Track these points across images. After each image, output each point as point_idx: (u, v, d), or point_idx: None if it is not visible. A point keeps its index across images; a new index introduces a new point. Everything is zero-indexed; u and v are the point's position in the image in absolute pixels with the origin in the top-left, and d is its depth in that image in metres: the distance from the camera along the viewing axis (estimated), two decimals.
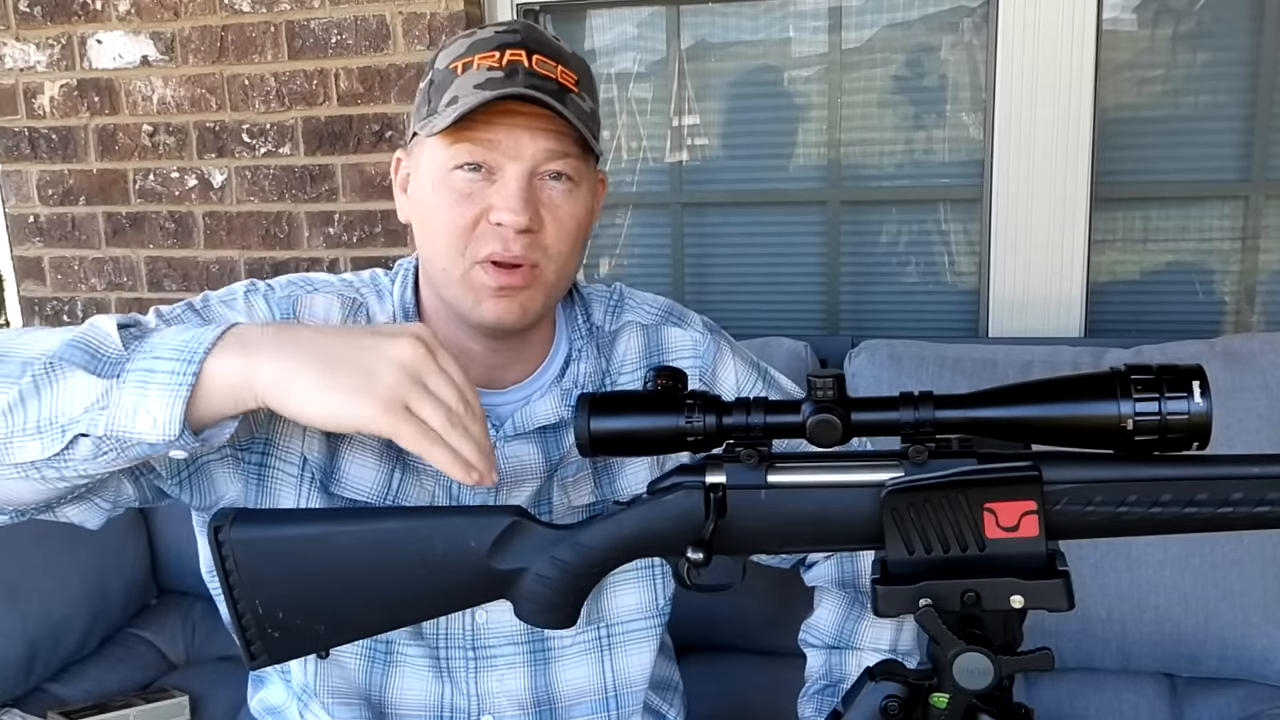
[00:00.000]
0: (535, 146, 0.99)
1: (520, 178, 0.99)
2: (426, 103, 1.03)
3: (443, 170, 1.00)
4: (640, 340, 1.16)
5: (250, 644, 0.92)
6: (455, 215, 1.00)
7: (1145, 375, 0.74)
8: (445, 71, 1.02)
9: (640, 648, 1.17)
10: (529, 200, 0.99)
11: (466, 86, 0.98)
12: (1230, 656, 1.58)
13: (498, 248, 0.99)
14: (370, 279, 1.14)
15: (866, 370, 1.74)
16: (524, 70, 0.99)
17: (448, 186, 1.00)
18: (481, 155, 0.99)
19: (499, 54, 0.99)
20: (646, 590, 1.17)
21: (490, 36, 1.01)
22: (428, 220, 1.03)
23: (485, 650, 1.11)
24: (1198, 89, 1.99)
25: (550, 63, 1.00)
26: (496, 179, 1.00)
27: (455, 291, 1.03)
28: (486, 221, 1.00)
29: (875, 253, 2.18)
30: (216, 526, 0.91)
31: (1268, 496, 0.75)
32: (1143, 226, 2.06)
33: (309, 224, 2.26)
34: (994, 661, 0.76)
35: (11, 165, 2.42)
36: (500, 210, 0.99)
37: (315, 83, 2.18)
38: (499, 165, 1.00)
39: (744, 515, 0.83)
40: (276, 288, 1.08)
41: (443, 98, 1.00)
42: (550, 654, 1.13)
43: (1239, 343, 1.66)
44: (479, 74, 0.99)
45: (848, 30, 2.11)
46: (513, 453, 1.09)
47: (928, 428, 0.78)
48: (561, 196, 1.02)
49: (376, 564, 0.90)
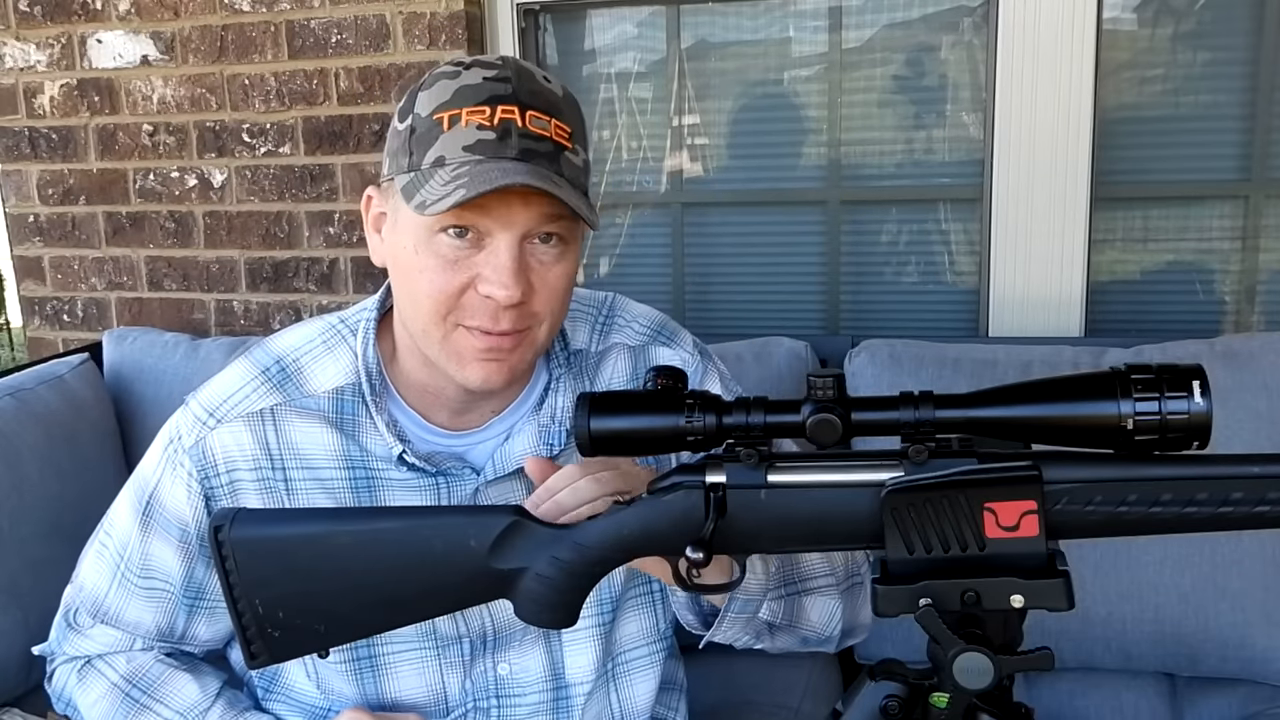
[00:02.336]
0: (529, 214, 0.93)
1: (511, 247, 0.93)
2: (407, 153, 0.95)
3: (426, 232, 0.94)
4: (627, 363, 1.13)
5: (250, 644, 0.92)
6: (440, 283, 0.94)
7: (1145, 375, 0.74)
8: (429, 121, 0.93)
9: (644, 675, 1.17)
10: (520, 272, 0.93)
11: (455, 147, 0.91)
12: (1230, 656, 1.58)
13: (485, 322, 0.95)
14: (323, 332, 1.09)
15: (866, 370, 1.74)
16: (517, 131, 0.91)
17: (432, 251, 0.94)
18: (470, 221, 0.92)
19: (489, 110, 0.91)
20: (648, 616, 1.16)
21: (478, 85, 0.93)
22: (408, 281, 0.97)
23: (509, 701, 1.11)
24: (1198, 89, 1.99)
25: (544, 118, 0.93)
26: (485, 245, 0.94)
27: (436, 352, 0.99)
28: (474, 291, 0.94)
29: (875, 252, 2.18)
30: (217, 526, 0.91)
31: (1268, 496, 0.75)
32: (1143, 226, 2.06)
33: (309, 224, 2.26)
34: (994, 661, 0.76)
35: (11, 165, 2.42)
36: (490, 284, 0.93)
37: (315, 82, 2.18)
38: (488, 231, 0.93)
39: (744, 515, 0.83)
40: (183, 442, 1.06)
41: (427, 154, 0.93)
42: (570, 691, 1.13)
43: (1239, 343, 1.66)
44: (468, 133, 0.91)
45: (848, 30, 2.11)
46: (496, 494, 1.06)
47: (928, 427, 0.78)
48: (553, 259, 0.96)
49: (376, 564, 0.90)
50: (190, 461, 1.06)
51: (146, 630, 1.11)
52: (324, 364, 1.08)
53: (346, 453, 1.06)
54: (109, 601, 1.11)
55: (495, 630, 1.09)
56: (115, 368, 2.11)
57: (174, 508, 1.08)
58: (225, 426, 1.06)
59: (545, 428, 1.07)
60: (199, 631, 1.13)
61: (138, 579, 1.10)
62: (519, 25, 2.17)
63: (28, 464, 1.80)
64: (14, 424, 1.82)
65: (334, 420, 1.06)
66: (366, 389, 1.05)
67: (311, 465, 1.06)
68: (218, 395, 1.08)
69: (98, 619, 1.12)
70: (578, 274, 1.06)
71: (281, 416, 1.06)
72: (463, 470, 1.06)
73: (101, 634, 1.12)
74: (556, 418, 1.08)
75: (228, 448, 1.06)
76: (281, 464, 1.06)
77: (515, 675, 1.10)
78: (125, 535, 1.11)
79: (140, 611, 1.11)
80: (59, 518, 1.82)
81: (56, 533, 1.80)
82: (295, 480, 1.06)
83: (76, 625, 1.13)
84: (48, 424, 1.87)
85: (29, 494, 1.79)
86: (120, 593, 1.11)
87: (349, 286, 2.27)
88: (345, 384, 1.06)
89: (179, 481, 1.07)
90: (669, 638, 1.19)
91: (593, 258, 2.31)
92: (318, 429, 1.05)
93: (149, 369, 2.07)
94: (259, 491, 1.06)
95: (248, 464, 1.06)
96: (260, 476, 1.06)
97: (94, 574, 1.13)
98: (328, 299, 2.28)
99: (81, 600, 1.13)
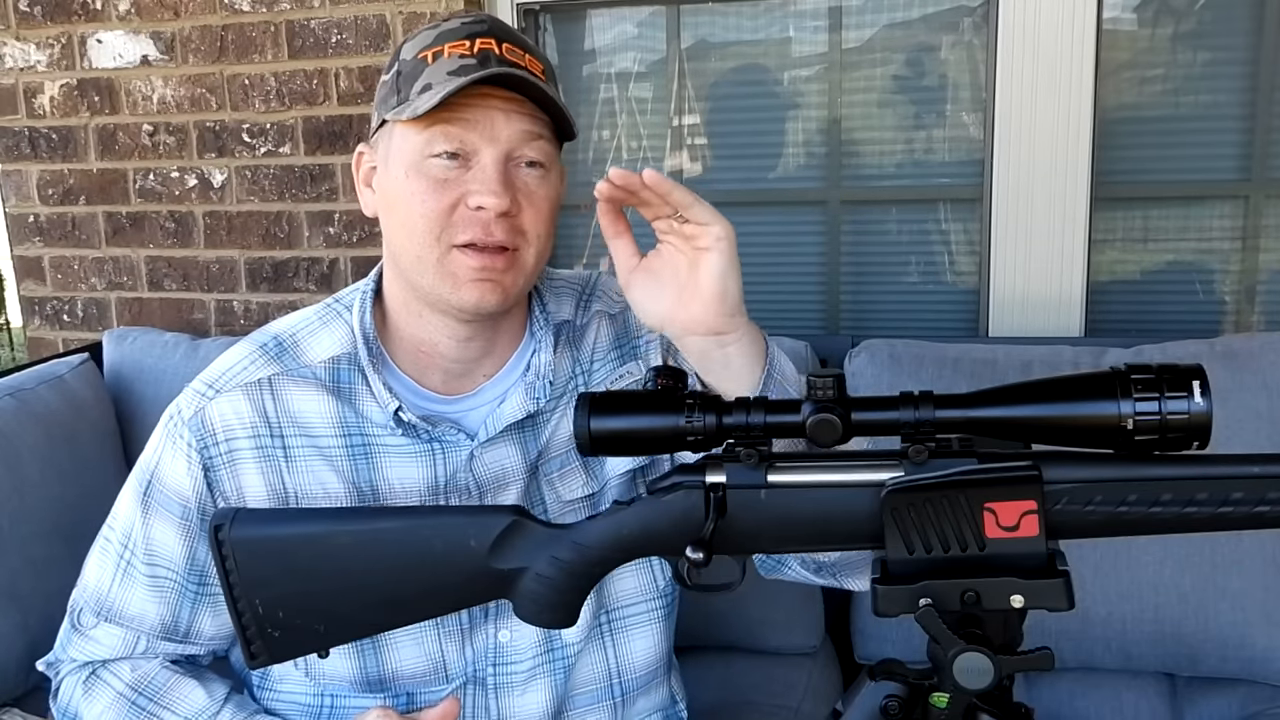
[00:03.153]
0: (511, 129, 1.00)
1: (497, 162, 0.99)
2: (395, 93, 1.02)
3: (417, 157, 1.00)
4: (609, 329, 1.16)
5: (250, 643, 0.93)
6: (432, 201, 1.00)
7: (1145, 375, 0.74)
8: (414, 61, 1.01)
9: (643, 632, 1.17)
10: (507, 184, 1.00)
11: (440, 74, 0.98)
12: (1230, 656, 1.58)
13: (478, 233, 0.99)
14: (318, 311, 1.14)
15: (866, 370, 1.74)
16: (495, 57, 0.99)
17: (422, 174, 1.00)
18: (458, 138, 0.99)
19: (469, 43, 0.99)
20: (644, 573, 1.16)
21: (458, 27, 1.01)
22: (399, 208, 1.02)
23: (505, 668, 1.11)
24: (1198, 89, 1.99)
25: (519, 51, 1.01)
26: (473, 165, 1.00)
27: (431, 279, 1.02)
28: (465, 207, 0.99)
29: (875, 252, 2.18)
30: (217, 526, 0.91)
31: (1268, 496, 0.75)
32: (1143, 226, 2.06)
33: (309, 224, 2.26)
34: (994, 661, 0.76)
35: (11, 165, 2.42)
36: (480, 194, 0.99)
37: (315, 82, 2.18)
38: (475, 150, 1.00)
39: (744, 515, 0.83)
40: (183, 414, 1.08)
41: (414, 86, 1.00)
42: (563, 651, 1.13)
43: (1239, 343, 1.66)
44: (451, 61, 0.98)
45: (848, 30, 2.11)
46: (491, 459, 1.08)
47: (928, 427, 0.78)
48: (536, 182, 1.02)
49: (376, 564, 0.90)
50: (189, 432, 1.07)
51: (151, 625, 1.11)
52: (320, 337, 1.11)
53: (343, 419, 1.07)
54: (112, 596, 1.11)
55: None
56: (115, 368, 2.11)
57: (174, 483, 1.08)
58: (224, 396, 1.08)
59: (531, 384, 1.10)
60: (204, 626, 1.12)
61: (141, 567, 1.10)
62: (519, 25, 2.17)
63: (28, 464, 1.80)
64: (14, 424, 1.82)
65: (331, 388, 1.08)
66: (364, 351, 1.08)
67: (310, 433, 1.07)
68: (217, 370, 1.11)
69: (101, 616, 1.12)
70: (555, 235, 1.09)
71: (279, 385, 1.08)
72: (457, 436, 1.07)
73: (105, 634, 1.12)
74: (540, 373, 1.10)
75: (226, 416, 1.07)
76: (280, 431, 1.07)
77: (514, 641, 1.11)
78: (128, 523, 1.11)
79: (144, 603, 1.11)
80: (59, 518, 1.82)
81: (56, 533, 1.80)
82: (294, 448, 1.07)
83: (80, 626, 1.13)
84: (48, 424, 1.87)
85: (29, 494, 1.79)
86: (124, 585, 1.11)
87: (348, 286, 2.27)
88: (341, 353, 1.09)
89: (179, 454, 1.08)
90: (668, 595, 1.18)
91: (593, 257, 2.31)
92: (315, 396, 1.08)
93: (149, 369, 2.07)
94: (257, 460, 1.07)
95: (246, 432, 1.07)
96: (259, 445, 1.07)
97: (96, 570, 1.13)
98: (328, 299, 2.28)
99: (85, 600, 1.13)
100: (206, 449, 1.07)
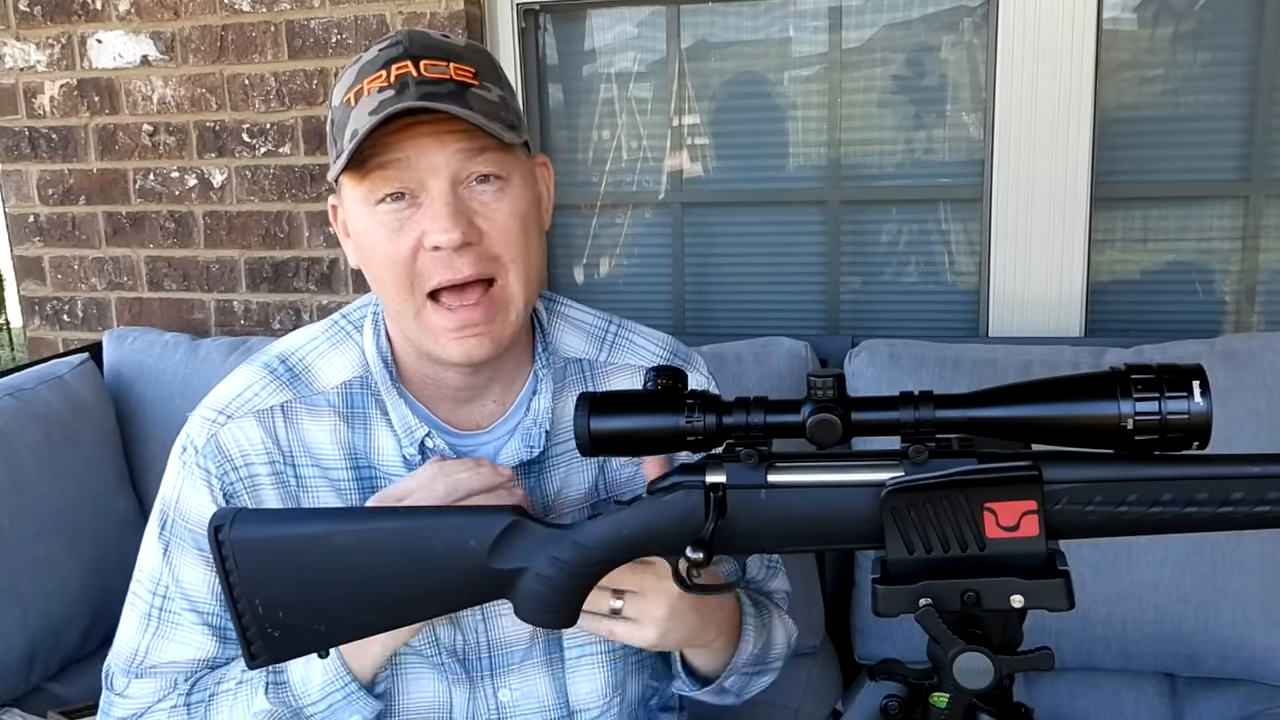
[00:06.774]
0: (447, 152, 0.94)
1: (444, 193, 0.94)
2: (333, 142, 0.99)
3: (366, 208, 0.97)
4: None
5: (250, 644, 0.92)
6: (391, 251, 0.96)
7: (1145, 375, 0.74)
8: (341, 107, 0.97)
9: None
10: (458, 213, 0.94)
11: (362, 116, 0.93)
12: (1230, 656, 1.58)
13: (445, 274, 0.96)
14: (326, 330, 1.10)
15: (866, 370, 1.74)
16: (414, 81, 0.93)
17: (377, 224, 0.96)
18: (396, 179, 0.95)
19: (385, 72, 0.94)
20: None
21: (375, 56, 0.97)
22: (369, 261, 1.00)
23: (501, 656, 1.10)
24: (1198, 89, 1.99)
25: (441, 64, 0.95)
26: (422, 200, 0.95)
27: (416, 333, 1.00)
28: (424, 249, 0.95)
29: (875, 252, 2.18)
30: (217, 526, 0.91)
31: (1268, 496, 0.75)
32: (1143, 226, 2.06)
33: (309, 224, 2.26)
34: (994, 661, 0.76)
35: (11, 165, 2.42)
36: (432, 232, 0.94)
37: (315, 82, 2.18)
38: (420, 185, 0.95)
39: (744, 515, 0.83)
40: (196, 443, 1.06)
41: (345, 134, 0.95)
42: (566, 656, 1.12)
43: (1239, 343, 1.66)
44: (371, 100, 0.94)
45: (848, 30, 2.11)
46: None
47: (928, 427, 0.78)
48: (493, 198, 0.97)
49: (377, 564, 0.90)
50: (207, 460, 1.05)
51: (183, 668, 1.09)
52: (330, 360, 1.08)
53: (352, 447, 1.06)
54: (143, 651, 1.09)
55: (491, 649, 1.08)
56: (115, 368, 2.11)
57: (196, 516, 1.06)
58: (236, 423, 1.05)
59: (526, 430, 1.07)
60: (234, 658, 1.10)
61: (171, 611, 1.08)
62: (519, 25, 2.17)
63: (28, 464, 1.80)
64: (14, 424, 1.82)
65: (344, 414, 1.06)
66: (385, 375, 1.05)
67: (321, 463, 1.06)
68: (226, 395, 1.08)
69: (131, 675, 1.10)
70: (542, 245, 1.06)
71: (292, 413, 1.06)
72: None
73: (139, 689, 1.10)
74: (538, 420, 1.07)
75: (241, 443, 1.05)
76: (293, 460, 1.06)
77: (517, 702, 1.09)
78: (154, 570, 1.09)
79: (179, 649, 1.09)
80: (59, 517, 1.82)
81: (56, 533, 1.80)
82: (306, 477, 1.06)
83: (114, 689, 1.12)
84: (48, 424, 1.87)
85: (29, 494, 1.79)
86: (155, 636, 1.09)
87: (349, 286, 2.27)
88: (353, 377, 1.07)
89: (199, 485, 1.05)
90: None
91: (593, 258, 2.31)
92: (328, 425, 1.06)
93: (149, 369, 2.07)
94: (275, 487, 1.05)
95: (262, 459, 1.05)
96: (275, 471, 1.05)
97: (126, 628, 1.11)
98: (328, 299, 2.29)
99: (116, 663, 1.11)
100: (226, 475, 1.05)
